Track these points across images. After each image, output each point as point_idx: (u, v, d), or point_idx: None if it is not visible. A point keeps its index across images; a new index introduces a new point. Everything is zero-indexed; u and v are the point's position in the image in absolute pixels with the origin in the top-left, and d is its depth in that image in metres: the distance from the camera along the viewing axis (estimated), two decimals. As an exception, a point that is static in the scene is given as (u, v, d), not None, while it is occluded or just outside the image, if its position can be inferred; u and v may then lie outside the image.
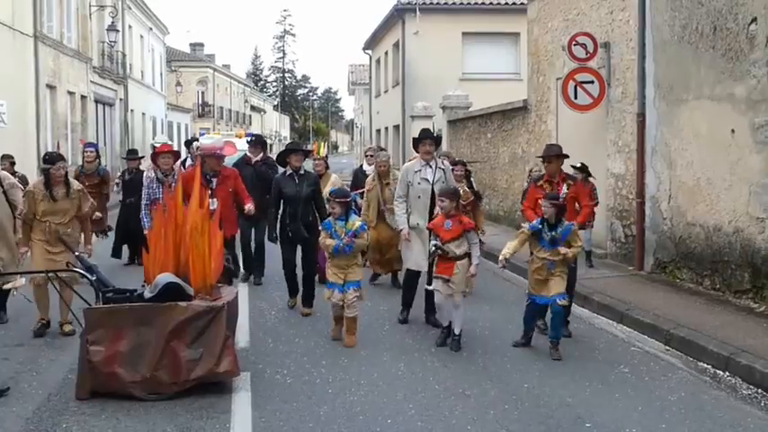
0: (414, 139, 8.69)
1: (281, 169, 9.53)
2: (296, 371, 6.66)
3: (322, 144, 12.07)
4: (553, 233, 7.17)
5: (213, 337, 5.99)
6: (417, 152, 8.49)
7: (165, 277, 6.19)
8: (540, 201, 7.78)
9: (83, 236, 7.95)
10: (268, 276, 10.71)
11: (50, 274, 7.18)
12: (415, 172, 8.33)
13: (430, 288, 7.70)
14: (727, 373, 6.70)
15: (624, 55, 11.65)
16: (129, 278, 9.68)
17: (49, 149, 22.29)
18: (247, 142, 11.98)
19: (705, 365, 6.97)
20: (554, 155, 8.12)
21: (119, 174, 12.79)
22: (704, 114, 9.58)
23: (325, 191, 9.57)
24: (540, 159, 8.53)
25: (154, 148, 11.96)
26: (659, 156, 10.59)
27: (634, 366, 6.94)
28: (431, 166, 8.33)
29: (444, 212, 7.42)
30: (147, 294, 6.13)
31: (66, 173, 7.74)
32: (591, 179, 10.50)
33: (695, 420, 5.60)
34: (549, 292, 7.19)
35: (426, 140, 8.36)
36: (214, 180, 7.48)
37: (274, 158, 10.51)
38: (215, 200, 7.42)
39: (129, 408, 5.69)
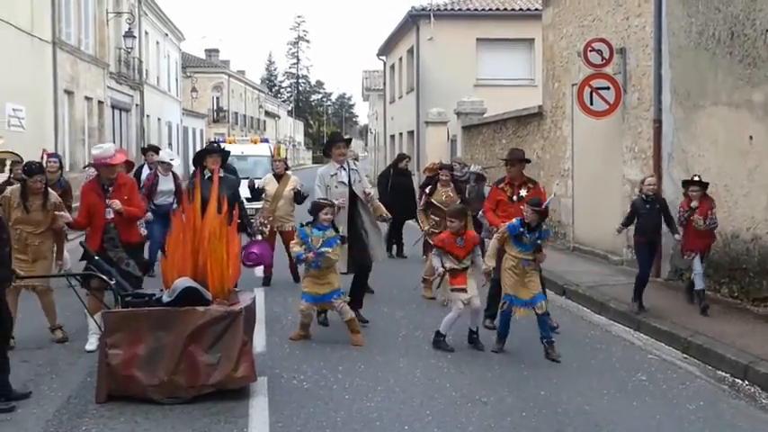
0: (326, 143, 8.93)
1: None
2: (312, 376, 6.67)
3: (282, 147, 12.45)
4: (533, 236, 7.37)
5: (231, 341, 6.01)
6: (329, 156, 8.63)
7: (184, 282, 6.23)
8: (500, 201, 8.43)
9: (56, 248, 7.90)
10: (280, 281, 10.81)
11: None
12: (331, 176, 8.43)
13: (444, 302, 7.74)
14: (746, 382, 6.66)
15: (640, 61, 11.62)
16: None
17: (67, 154, 22.48)
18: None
19: (723, 374, 6.93)
20: (516, 159, 8.63)
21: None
22: (721, 121, 9.55)
23: (286, 191, 10.71)
24: (504, 163, 8.91)
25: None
26: (676, 162, 10.55)
27: (651, 374, 6.92)
28: (344, 169, 8.49)
29: (454, 231, 7.59)
30: (166, 299, 6.17)
31: (46, 185, 7.75)
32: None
33: (714, 429, 5.58)
34: (529, 294, 7.36)
35: (340, 143, 8.59)
36: (110, 189, 7.53)
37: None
38: (110, 210, 7.47)
39: (148, 411, 5.72)
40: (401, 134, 32.47)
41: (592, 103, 12.04)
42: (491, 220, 8.52)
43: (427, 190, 10.65)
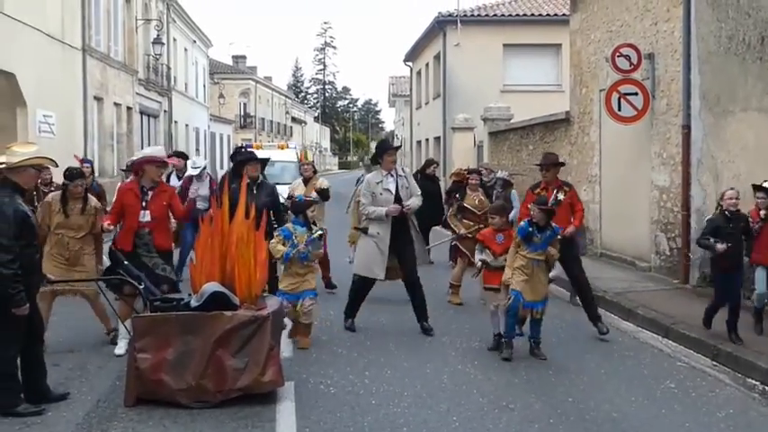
0: (376, 151, 8.76)
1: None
2: (339, 381, 6.69)
3: (308, 151, 12.42)
4: (544, 236, 7.40)
5: (258, 346, 6.04)
6: (378, 164, 8.52)
7: (212, 286, 6.28)
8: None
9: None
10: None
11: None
12: (377, 183, 8.37)
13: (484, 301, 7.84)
14: (777, 390, 6.57)
15: (669, 66, 11.53)
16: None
17: (96, 160, 22.73)
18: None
19: (754, 382, 6.84)
20: (551, 163, 8.66)
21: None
22: (751, 126, 9.45)
23: (314, 194, 10.30)
24: (538, 167, 8.87)
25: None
26: (705, 168, 10.45)
27: (680, 382, 6.85)
28: (392, 175, 8.40)
29: (496, 227, 7.81)
30: (194, 303, 6.22)
31: (86, 190, 7.86)
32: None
33: (744, 438, 5.52)
34: (532, 297, 7.37)
35: (392, 150, 8.47)
36: (150, 193, 7.51)
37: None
38: (147, 212, 7.48)
39: (176, 415, 5.77)
40: (427, 140, 32.47)
41: (620, 109, 11.96)
42: None
43: (457, 195, 10.68)
